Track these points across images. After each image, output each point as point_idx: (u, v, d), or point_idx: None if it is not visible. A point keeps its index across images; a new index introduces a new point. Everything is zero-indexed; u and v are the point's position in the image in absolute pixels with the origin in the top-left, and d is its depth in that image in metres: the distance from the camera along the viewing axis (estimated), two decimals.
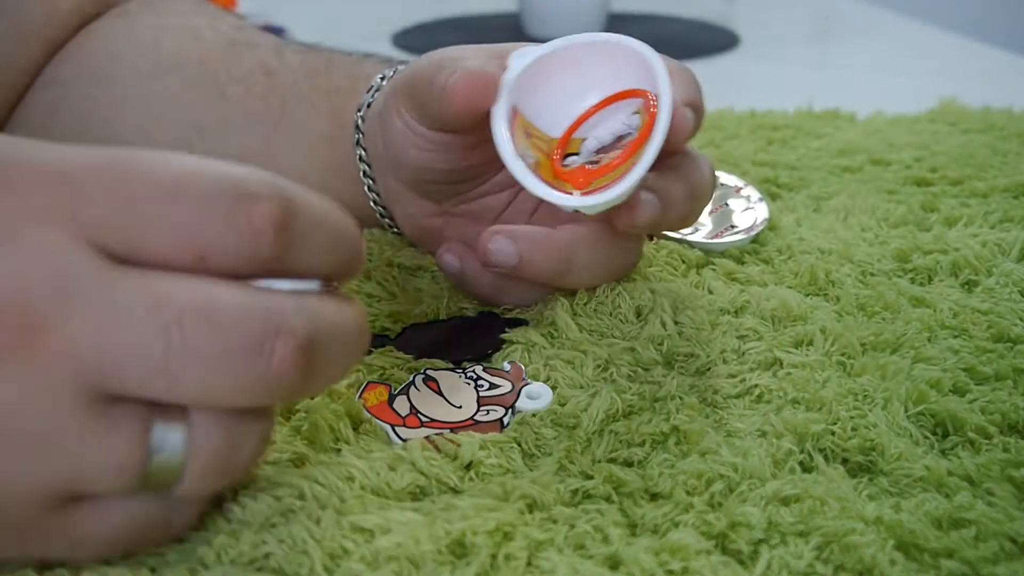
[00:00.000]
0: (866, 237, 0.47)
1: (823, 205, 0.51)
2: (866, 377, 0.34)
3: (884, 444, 0.30)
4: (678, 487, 0.28)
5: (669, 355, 0.36)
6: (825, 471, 0.29)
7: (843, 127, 0.67)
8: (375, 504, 0.28)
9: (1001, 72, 0.90)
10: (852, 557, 0.26)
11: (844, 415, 0.32)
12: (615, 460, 0.30)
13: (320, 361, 0.24)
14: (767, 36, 1.07)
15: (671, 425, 0.31)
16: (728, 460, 0.29)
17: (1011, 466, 0.30)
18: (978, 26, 1.25)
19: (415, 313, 0.40)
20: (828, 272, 0.42)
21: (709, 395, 0.33)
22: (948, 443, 0.31)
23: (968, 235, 0.46)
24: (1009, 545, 0.27)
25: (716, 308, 0.39)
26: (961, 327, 0.38)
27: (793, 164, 0.58)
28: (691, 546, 0.26)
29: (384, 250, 0.45)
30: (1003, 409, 0.32)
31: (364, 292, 0.41)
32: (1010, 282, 0.41)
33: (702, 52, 0.97)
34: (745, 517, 0.27)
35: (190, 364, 0.22)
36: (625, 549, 0.26)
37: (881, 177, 0.56)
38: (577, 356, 0.36)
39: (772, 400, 0.33)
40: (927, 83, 0.83)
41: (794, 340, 0.37)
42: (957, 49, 1.00)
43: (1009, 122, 0.65)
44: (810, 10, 1.24)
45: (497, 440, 0.31)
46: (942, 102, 0.71)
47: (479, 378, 0.35)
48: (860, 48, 1.05)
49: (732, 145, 0.63)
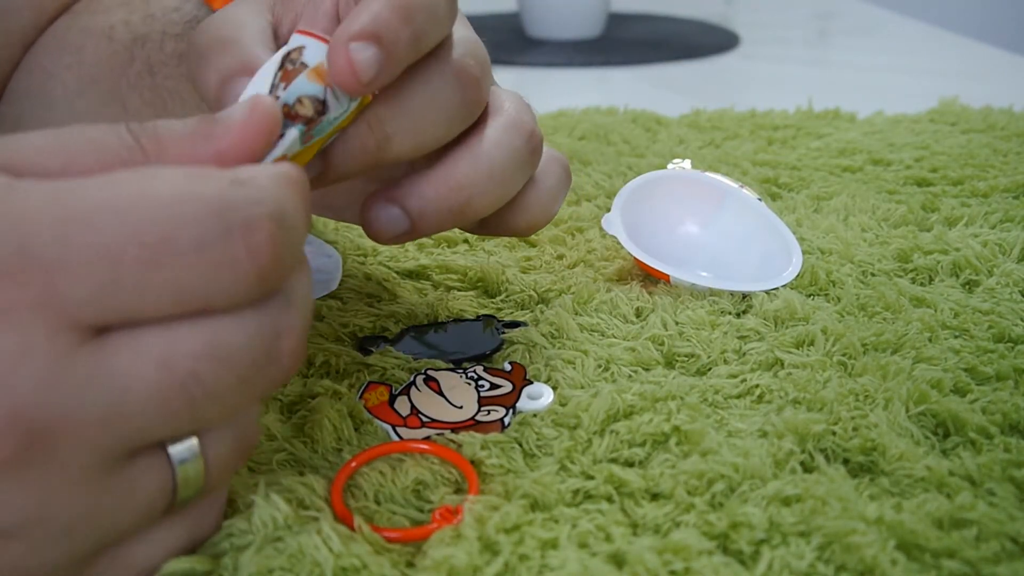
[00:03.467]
0: (867, 237, 0.47)
1: (823, 205, 0.51)
2: (867, 377, 0.34)
3: (885, 444, 0.30)
4: (679, 487, 0.28)
5: (670, 355, 0.36)
6: (826, 471, 0.29)
7: (843, 127, 0.67)
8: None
9: (1001, 72, 0.90)
10: (853, 557, 0.26)
11: (845, 415, 0.32)
12: (616, 460, 0.30)
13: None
14: (767, 36, 1.07)
15: (672, 425, 0.31)
16: (729, 460, 0.29)
17: (1012, 466, 0.30)
18: (978, 26, 1.25)
19: (415, 314, 0.40)
20: (829, 272, 0.42)
21: (710, 395, 0.33)
22: (949, 443, 0.31)
23: (969, 235, 0.46)
24: (1010, 545, 0.26)
25: (717, 308, 0.39)
26: (962, 327, 0.38)
27: (793, 164, 0.58)
28: (693, 546, 0.26)
29: (384, 250, 0.45)
30: (1004, 409, 0.32)
31: (364, 292, 0.41)
32: (1011, 282, 0.41)
33: (702, 52, 0.97)
34: (746, 517, 0.27)
35: (211, 404, 0.22)
36: (629, 548, 0.26)
37: (881, 177, 0.56)
38: (578, 356, 0.36)
39: (773, 400, 0.33)
40: (927, 83, 0.83)
41: (795, 340, 0.37)
42: (957, 49, 1.00)
43: (1009, 122, 0.65)
44: (810, 10, 1.24)
45: (498, 440, 0.31)
46: (942, 102, 0.71)
47: (480, 378, 0.35)
48: (860, 48, 1.05)
49: (732, 145, 0.63)
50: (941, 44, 1.03)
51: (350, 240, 0.47)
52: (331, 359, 0.36)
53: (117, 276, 0.21)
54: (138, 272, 0.21)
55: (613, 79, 0.89)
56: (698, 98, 0.78)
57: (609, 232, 0.41)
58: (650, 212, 0.44)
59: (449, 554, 0.25)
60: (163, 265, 0.21)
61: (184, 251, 0.21)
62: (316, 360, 0.36)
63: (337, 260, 0.44)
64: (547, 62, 0.93)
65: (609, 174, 0.56)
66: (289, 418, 0.32)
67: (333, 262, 0.44)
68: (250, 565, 0.25)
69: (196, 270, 0.21)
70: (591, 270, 0.44)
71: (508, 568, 0.25)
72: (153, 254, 0.21)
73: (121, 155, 0.23)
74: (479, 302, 0.41)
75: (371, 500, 0.28)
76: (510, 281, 0.42)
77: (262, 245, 0.22)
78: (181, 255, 0.21)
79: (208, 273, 0.21)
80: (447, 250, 0.46)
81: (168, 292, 0.21)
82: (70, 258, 0.20)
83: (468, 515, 0.27)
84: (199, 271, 0.21)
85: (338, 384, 0.34)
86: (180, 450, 0.23)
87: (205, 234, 0.21)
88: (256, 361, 0.23)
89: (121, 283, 0.21)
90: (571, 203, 0.52)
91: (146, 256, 0.21)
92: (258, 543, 0.26)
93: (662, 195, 0.44)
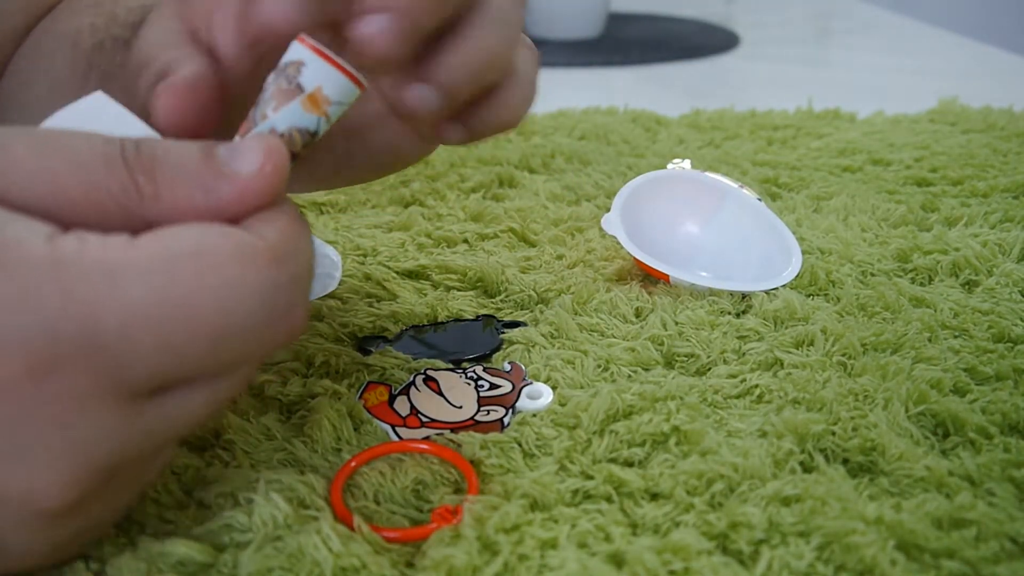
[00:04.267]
0: (866, 237, 0.47)
1: (823, 205, 0.51)
2: (867, 377, 0.34)
3: (885, 444, 0.30)
4: (679, 487, 0.28)
5: (669, 355, 0.36)
6: (826, 471, 0.29)
7: (843, 127, 0.67)
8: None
9: (1001, 72, 0.90)
10: (853, 557, 0.26)
11: (845, 415, 0.32)
12: (616, 460, 0.30)
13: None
14: (767, 36, 1.07)
15: (672, 425, 0.31)
16: (729, 460, 0.29)
17: (1012, 466, 0.30)
18: (979, 26, 1.25)
19: (415, 314, 0.40)
20: (828, 272, 0.42)
21: (710, 395, 0.33)
22: (949, 443, 0.31)
23: (968, 235, 0.46)
24: (1010, 545, 0.26)
25: (717, 308, 0.39)
26: (962, 327, 0.38)
27: (793, 164, 0.58)
28: (692, 546, 0.26)
29: (384, 250, 0.45)
30: (1004, 409, 0.32)
31: (364, 292, 0.41)
32: (1010, 282, 0.41)
33: (702, 52, 0.97)
34: (746, 517, 0.27)
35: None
36: (628, 548, 0.26)
37: (881, 177, 0.56)
38: (577, 356, 0.36)
39: (773, 400, 0.33)
40: (927, 83, 0.84)
41: (795, 340, 0.37)
42: (957, 49, 1.00)
43: (1009, 122, 0.65)
44: (810, 10, 1.24)
45: (498, 440, 0.31)
46: (942, 102, 0.71)
47: (479, 378, 0.35)
48: (860, 48, 1.05)
49: (732, 145, 0.63)
50: (941, 44, 1.03)
51: (350, 240, 0.47)
52: (331, 359, 0.36)
53: (176, 362, 0.22)
54: (195, 359, 0.22)
55: (613, 79, 0.89)
56: (698, 98, 0.78)
57: (609, 232, 0.41)
58: (650, 212, 0.44)
59: (449, 554, 0.25)
60: (216, 352, 0.23)
61: (234, 336, 0.23)
62: (316, 360, 0.36)
63: (337, 260, 0.44)
64: (547, 62, 0.93)
65: (609, 174, 0.56)
66: (289, 418, 0.32)
67: (333, 262, 0.44)
68: (250, 564, 0.25)
69: (244, 349, 0.23)
70: (591, 270, 0.44)
71: (507, 568, 0.25)
72: (209, 344, 0.22)
73: (115, 196, 0.23)
74: (479, 302, 0.41)
75: (371, 500, 0.28)
76: (510, 281, 0.42)
77: (298, 322, 0.24)
78: (233, 338, 0.23)
79: (253, 349, 0.23)
80: (447, 250, 0.46)
81: (218, 362, 0.23)
82: (133, 349, 0.21)
83: (467, 515, 0.27)
84: (246, 350, 0.23)
85: (338, 384, 0.34)
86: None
87: (254, 323, 0.23)
88: (275, 342, 0.24)
89: (179, 369, 0.22)
90: (571, 203, 0.52)
91: (202, 347, 0.22)
92: (258, 542, 0.26)
93: (662, 195, 0.44)
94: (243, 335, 0.23)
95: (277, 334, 0.23)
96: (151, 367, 0.22)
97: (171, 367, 0.22)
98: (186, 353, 0.22)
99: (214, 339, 0.22)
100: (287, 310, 0.23)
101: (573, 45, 0.99)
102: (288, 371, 0.35)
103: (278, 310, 0.23)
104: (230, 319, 0.22)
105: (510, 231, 0.48)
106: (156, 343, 0.22)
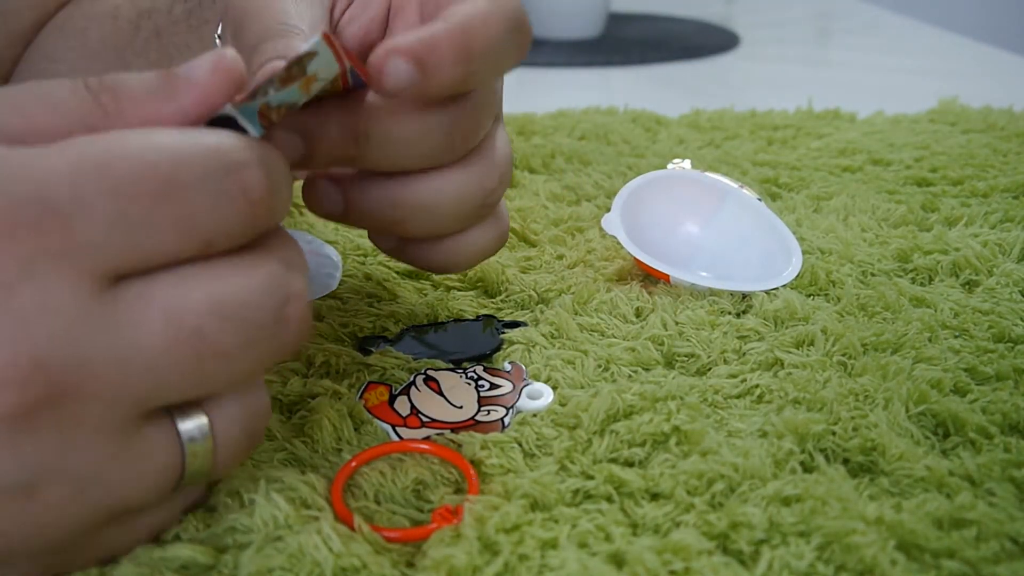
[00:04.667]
0: (866, 237, 0.47)
1: (823, 205, 0.51)
2: (867, 377, 0.34)
3: (885, 444, 0.30)
4: (679, 487, 0.28)
5: (669, 355, 0.36)
6: (826, 471, 0.29)
7: (843, 127, 0.67)
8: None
9: (1001, 72, 0.90)
10: (853, 557, 0.26)
11: (845, 415, 0.32)
12: (616, 460, 0.30)
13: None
14: (767, 36, 1.07)
15: (672, 425, 0.31)
16: (729, 460, 0.29)
17: (1012, 466, 0.30)
18: (978, 26, 1.25)
19: (415, 314, 0.40)
20: (829, 272, 0.42)
21: (710, 395, 0.33)
22: (949, 443, 0.31)
23: (969, 235, 0.46)
24: (1010, 545, 0.27)
25: (717, 308, 0.39)
26: (962, 327, 0.38)
27: (793, 164, 0.58)
28: (692, 546, 0.26)
29: None
30: (1004, 409, 0.32)
31: (364, 292, 0.41)
32: (1011, 282, 0.41)
33: (702, 52, 0.97)
34: (746, 517, 0.27)
35: (220, 363, 0.23)
36: (628, 548, 0.26)
37: (881, 177, 0.56)
38: (578, 356, 0.36)
39: (773, 400, 0.33)
40: (927, 83, 0.84)
41: (795, 340, 0.37)
42: (957, 49, 1.00)
43: (1009, 122, 0.65)
44: (810, 10, 1.24)
45: (498, 440, 0.31)
46: (942, 102, 0.71)
47: (480, 378, 0.35)
48: (860, 48, 1.05)
49: (732, 145, 0.63)
50: (941, 44, 1.03)
51: (350, 240, 0.47)
52: (331, 359, 0.36)
53: (128, 212, 0.22)
54: (147, 206, 0.22)
55: (613, 79, 0.89)
56: (698, 98, 0.78)
57: (609, 232, 0.41)
58: (650, 212, 0.44)
59: (449, 554, 0.25)
60: (169, 198, 0.22)
61: (187, 185, 0.22)
62: (316, 360, 0.36)
63: (337, 260, 0.44)
64: (547, 62, 0.93)
65: (609, 174, 0.56)
66: (289, 418, 0.32)
67: (333, 262, 0.44)
68: (250, 564, 0.25)
69: (197, 203, 0.23)
70: (591, 270, 0.44)
71: (508, 568, 0.25)
72: (160, 187, 0.22)
73: (80, 114, 0.24)
74: (479, 302, 0.41)
75: (371, 500, 0.28)
76: (510, 281, 0.42)
77: (253, 183, 0.23)
78: (184, 188, 0.22)
79: (208, 205, 0.23)
80: None
81: (174, 226, 0.22)
82: (85, 202, 0.21)
83: (468, 515, 0.27)
84: (200, 204, 0.23)
85: (338, 384, 0.34)
86: (190, 427, 0.24)
87: (206, 171, 0.23)
88: (263, 322, 0.23)
89: (132, 218, 0.22)
90: (571, 203, 0.52)
91: (154, 190, 0.22)
92: (258, 542, 0.26)
93: (662, 195, 0.44)
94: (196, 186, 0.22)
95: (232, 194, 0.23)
96: (106, 226, 0.21)
97: (126, 226, 0.22)
98: (141, 205, 0.22)
99: (167, 186, 0.22)
100: (239, 168, 0.23)
101: (573, 45, 0.99)
102: (288, 371, 0.35)
103: (230, 166, 0.23)
104: (181, 167, 0.22)
105: (510, 231, 0.48)
106: (108, 194, 0.21)
